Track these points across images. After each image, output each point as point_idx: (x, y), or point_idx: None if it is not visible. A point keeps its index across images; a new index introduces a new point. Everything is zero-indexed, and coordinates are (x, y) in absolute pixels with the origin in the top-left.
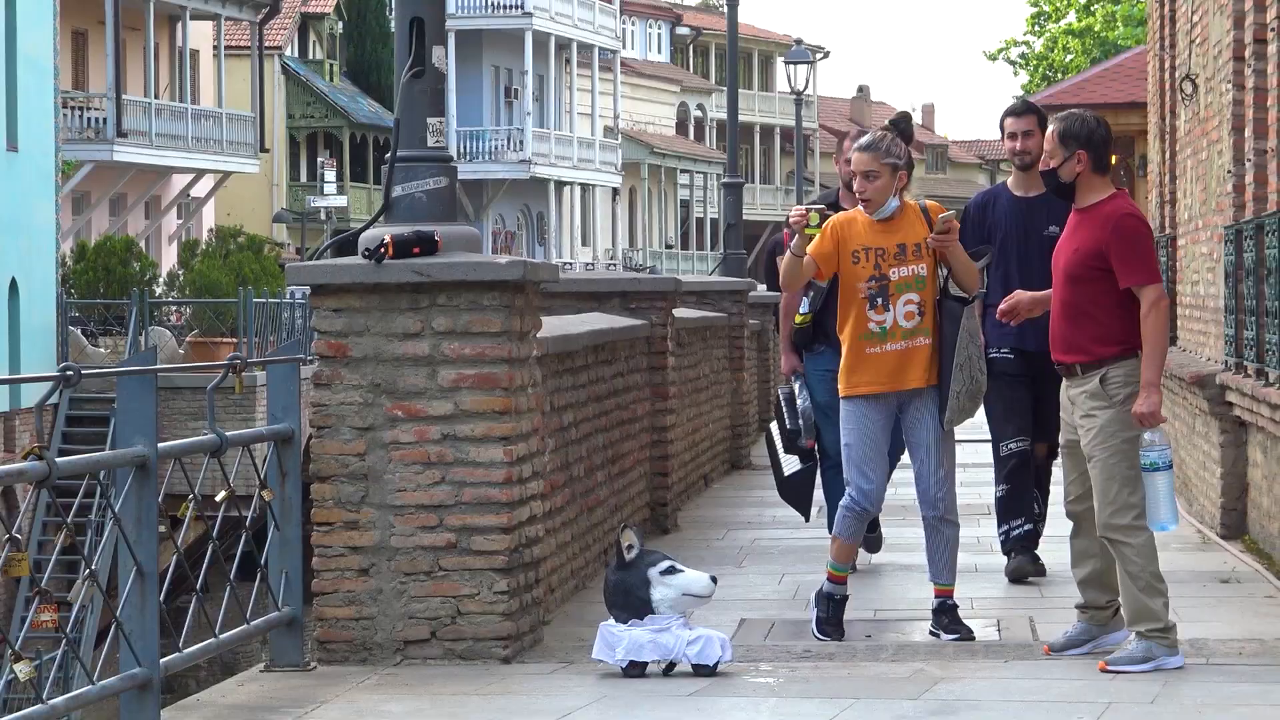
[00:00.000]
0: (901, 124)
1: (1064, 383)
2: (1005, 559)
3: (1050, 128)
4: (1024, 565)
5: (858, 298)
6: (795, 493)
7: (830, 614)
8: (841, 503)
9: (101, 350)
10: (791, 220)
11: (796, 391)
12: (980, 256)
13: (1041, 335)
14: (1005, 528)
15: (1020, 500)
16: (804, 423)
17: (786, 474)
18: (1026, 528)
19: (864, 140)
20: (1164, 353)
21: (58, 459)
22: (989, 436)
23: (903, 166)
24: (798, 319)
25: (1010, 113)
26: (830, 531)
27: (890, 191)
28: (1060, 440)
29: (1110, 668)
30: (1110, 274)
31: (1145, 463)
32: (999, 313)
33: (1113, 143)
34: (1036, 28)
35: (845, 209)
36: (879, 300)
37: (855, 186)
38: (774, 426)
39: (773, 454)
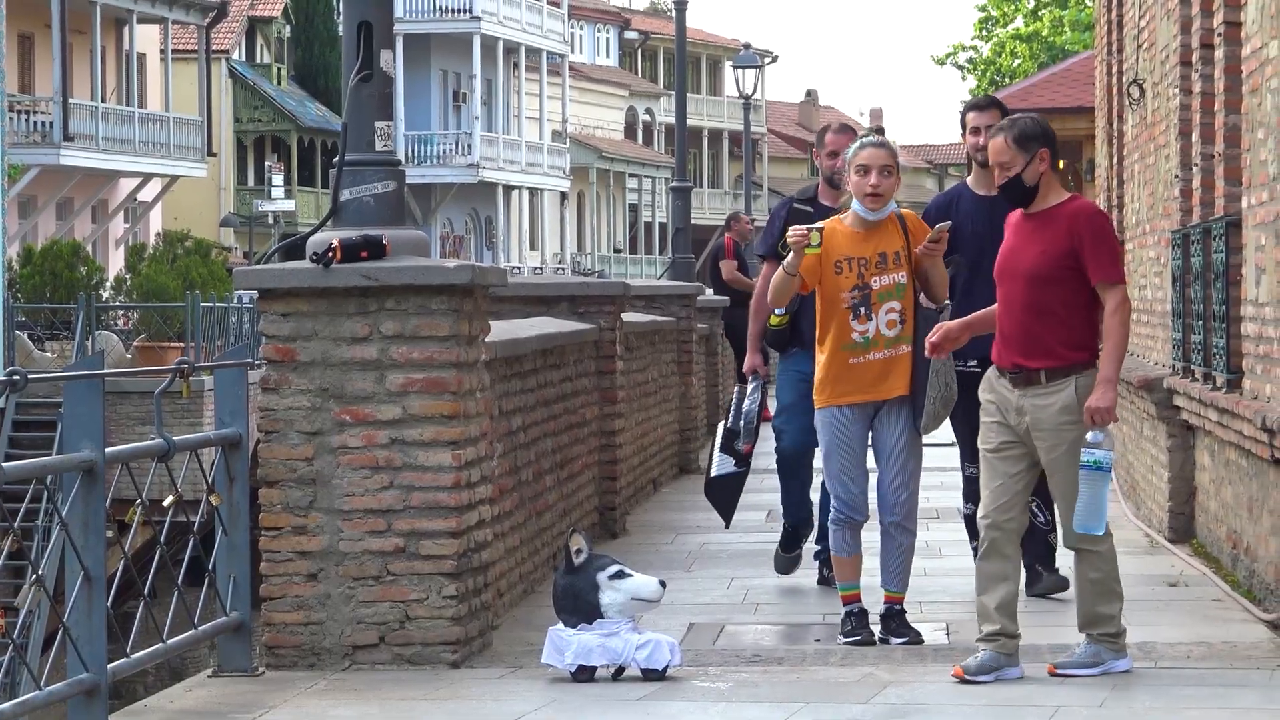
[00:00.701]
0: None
1: (995, 385)
2: (950, 560)
3: (999, 136)
4: (1049, 586)
5: (840, 308)
6: (720, 494)
7: (855, 626)
8: (830, 518)
9: (48, 355)
10: (791, 241)
11: (749, 392)
12: (949, 265)
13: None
14: (975, 544)
15: None
16: (744, 425)
17: (715, 473)
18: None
19: (877, 138)
20: (1125, 351)
21: (4, 464)
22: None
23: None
24: (773, 320)
25: (973, 106)
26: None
27: (896, 191)
28: (982, 445)
29: (1060, 671)
30: (1079, 275)
31: (1089, 460)
32: (929, 347)
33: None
34: (984, 32)
35: (825, 205)
36: (862, 310)
37: (871, 181)
38: (721, 425)
39: (712, 449)
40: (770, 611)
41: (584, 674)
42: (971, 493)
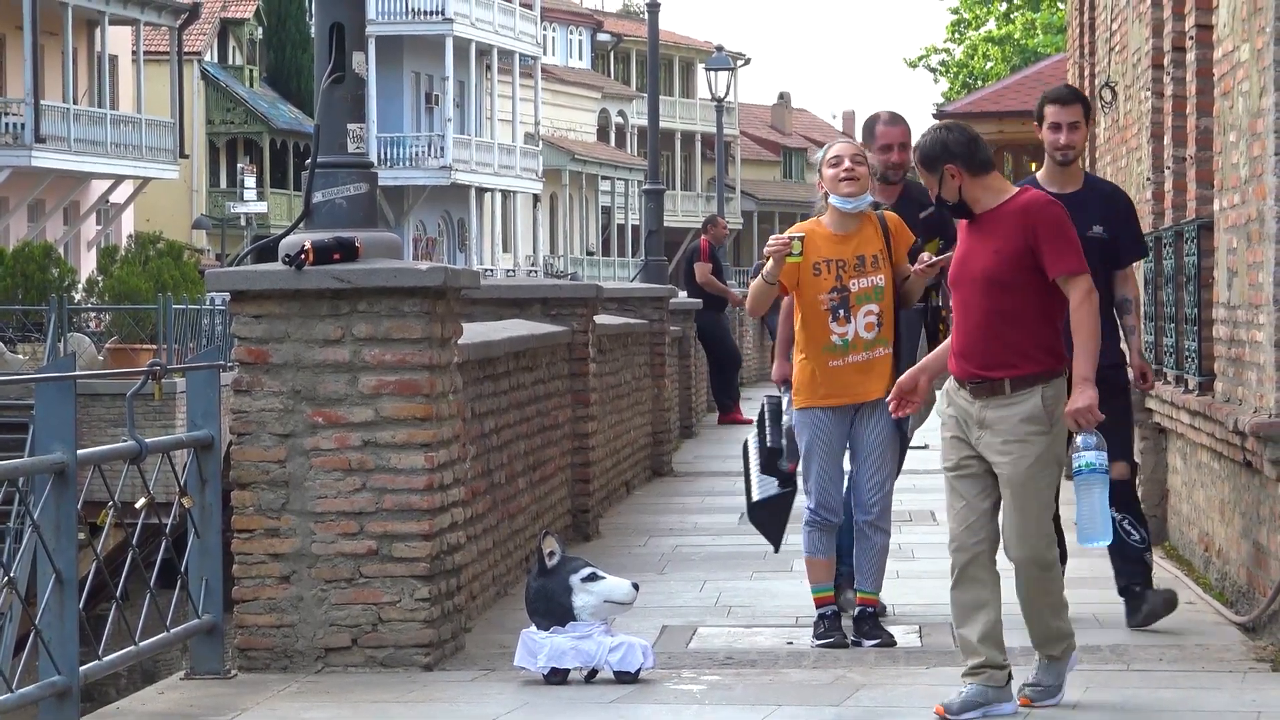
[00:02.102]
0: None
1: (955, 397)
2: (922, 563)
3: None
4: (1154, 606)
5: (819, 310)
6: (767, 518)
7: (828, 628)
8: (804, 520)
9: (20, 357)
10: (769, 250)
11: (785, 405)
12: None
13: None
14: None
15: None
16: (787, 442)
17: (758, 497)
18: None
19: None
20: (1097, 345)
21: None
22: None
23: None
24: None
25: (1053, 99)
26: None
27: (869, 185)
28: (943, 464)
29: (1035, 704)
30: (1038, 274)
31: (1081, 465)
32: (892, 407)
33: (977, 140)
34: (956, 35)
35: (884, 204)
36: (840, 312)
37: (845, 166)
38: (751, 440)
39: (747, 472)
40: (743, 614)
41: (557, 676)
42: None
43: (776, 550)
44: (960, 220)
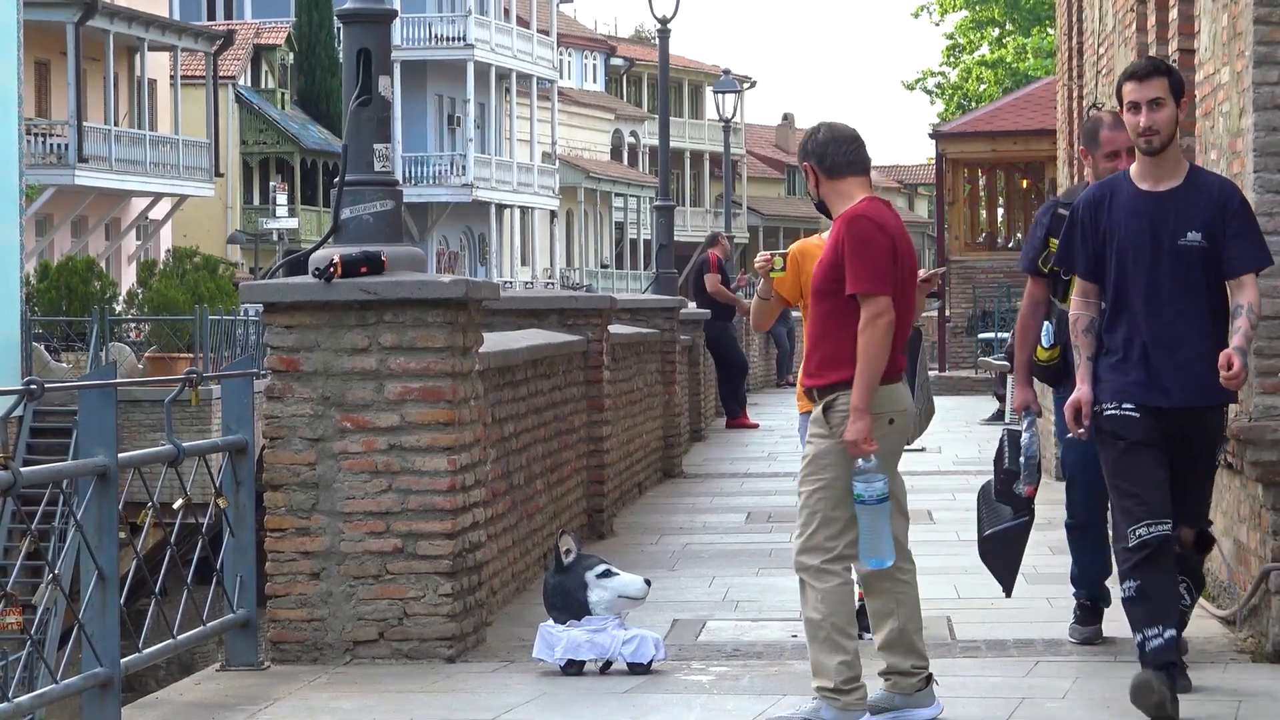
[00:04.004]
0: None
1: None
2: (922, 560)
3: None
4: (1161, 687)
5: None
6: (999, 552)
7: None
8: None
9: (64, 365)
10: (757, 265)
11: (1025, 429)
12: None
13: (1183, 383)
14: (1140, 636)
15: (1160, 600)
16: (1025, 463)
17: (990, 530)
18: (1169, 635)
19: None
20: (877, 375)
21: (22, 469)
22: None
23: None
24: (1041, 354)
25: (1130, 75)
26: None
27: None
28: None
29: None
30: (843, 286)
31: (855, 494)
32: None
33: (839, 142)
34: (951, 59)
35: None
36: None
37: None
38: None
39: (982, 505)
40: (750, 609)
41: (573, 668)
42: (1130, 567)
43: (1008, 594)
44: None
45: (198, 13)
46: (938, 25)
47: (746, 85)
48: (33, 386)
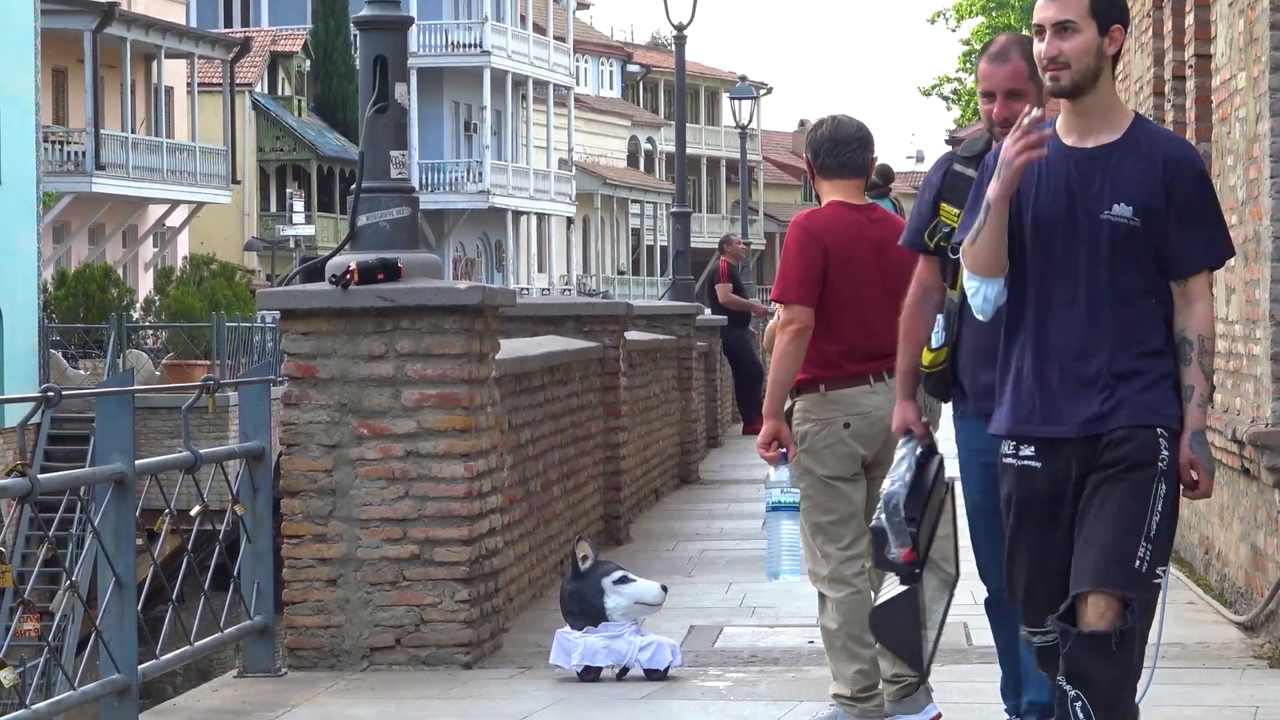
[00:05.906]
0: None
1: None
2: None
3: None
4: None
5: None
6: (891, 628)
7: None
8: None
9: (81, 372)
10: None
11: (894, 461)
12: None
13: (1097, 406)
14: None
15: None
16: (888, 519)
17: (878, 600)
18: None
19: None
20: (783, 382)
21: (40, 475)
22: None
23: None
24: (924, 356)
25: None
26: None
27: None
28: None
29: None
30: None
31: (768, 501)
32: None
33: (839, 143)
34: (968, 65)
35: None
36: None
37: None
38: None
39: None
40: (767, 615)
41: (590, 674)
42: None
43: (918, 674)
44: None
45: (214, 20)
46: (954, 31)
47: (763, 91)
48: (50, 394)
